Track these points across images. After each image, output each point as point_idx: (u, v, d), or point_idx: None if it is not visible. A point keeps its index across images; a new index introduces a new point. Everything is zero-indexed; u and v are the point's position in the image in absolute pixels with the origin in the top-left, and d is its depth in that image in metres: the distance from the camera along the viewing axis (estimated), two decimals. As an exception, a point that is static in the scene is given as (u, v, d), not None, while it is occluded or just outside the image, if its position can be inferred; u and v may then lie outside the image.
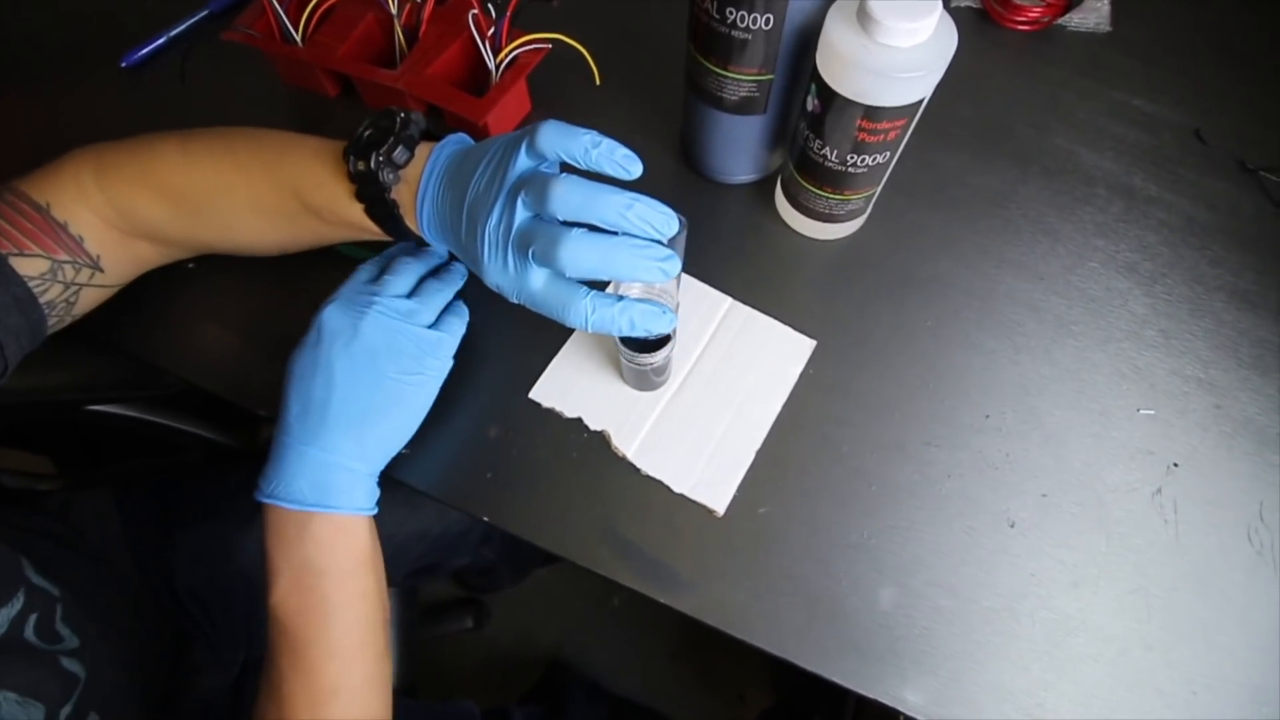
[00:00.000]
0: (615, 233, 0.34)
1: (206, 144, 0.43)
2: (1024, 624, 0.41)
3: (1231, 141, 0.56)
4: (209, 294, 0.50)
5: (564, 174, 0.34)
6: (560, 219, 0.33)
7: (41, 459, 0.86)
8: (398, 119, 0.40)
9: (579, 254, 0.33)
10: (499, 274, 0.36)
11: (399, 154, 0.39)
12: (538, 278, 0.35)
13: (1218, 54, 0.60)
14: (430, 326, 0.41)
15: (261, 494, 0.38)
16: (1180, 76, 0.59)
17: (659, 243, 0.34)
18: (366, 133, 0.40)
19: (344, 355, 0.38)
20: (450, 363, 0.42)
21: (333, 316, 0.39)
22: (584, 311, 0.34)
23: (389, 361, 0.39)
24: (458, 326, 0.43)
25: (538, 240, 0.34)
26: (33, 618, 0.42)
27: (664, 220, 0.33)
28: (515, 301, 0.37)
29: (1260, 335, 0.49)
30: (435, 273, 0.44)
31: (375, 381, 0.39)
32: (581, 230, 0.33)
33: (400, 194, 0.40)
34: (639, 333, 0.35)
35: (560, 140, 0.34)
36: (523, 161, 0.35)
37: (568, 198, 0.33)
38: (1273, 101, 0.57)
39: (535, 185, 0.34)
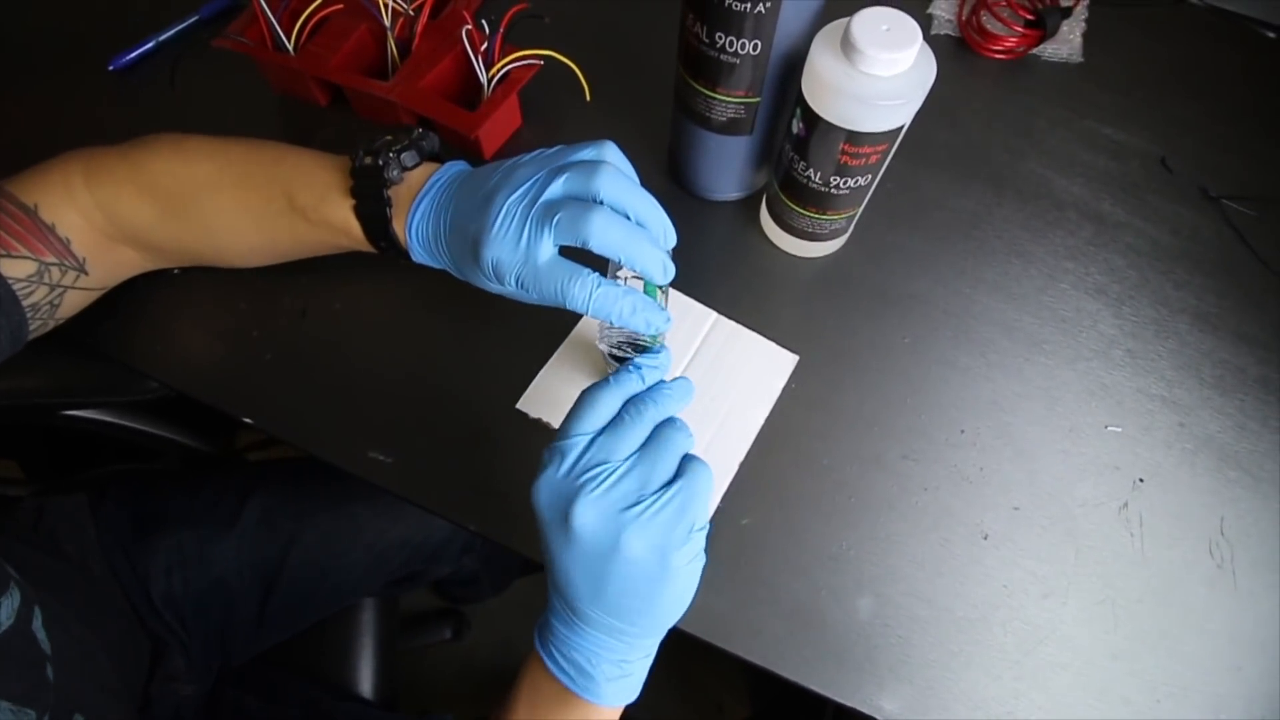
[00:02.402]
0: None
1: (201, 145, 0.44)
2: (996, 633, 0.42)
3: (1195, 169, 0.58)
4: (192, 298, 0.50)
5: (611, 164, 0.36)
6: (600, 196, 0.35)
7: (9, 464, 0.84)
8: (415, 131, 0.42)
9: (609, 227, 0.34)
10: (506, 247, 0.36)
11: (408, 156, 0.40)
12: (547, 251, 0.36)
13: (1183, 86, 0.63)
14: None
15: (547, 655, 0.36)
16: (1147, 106, 0.61)
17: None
18: (382, 138, 0.41)
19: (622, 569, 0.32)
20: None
21: (593, 528, 0.32)
22: (589, 288, 0.35)
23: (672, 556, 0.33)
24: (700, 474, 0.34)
25: (566, 209, 0.35)
26: (38, 609, 0.42)
27: (673, 232, 0.38)
28: (509, 283, 0.37)
29: (1221, 356, 0.51)
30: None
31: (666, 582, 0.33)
32: (609, 208, 0.35)
33: (397, 194, 0.41)
34: (636, 323, 0.35)
35: (623, 158, 0.38)
36: (583, 154, 0.37)
37: (614, 181, 0.35)
38: (1234, 131, 0.60)
39: (584, 167, 0.36)
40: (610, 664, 0.35)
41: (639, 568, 0.32)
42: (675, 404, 0.35)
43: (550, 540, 0.33)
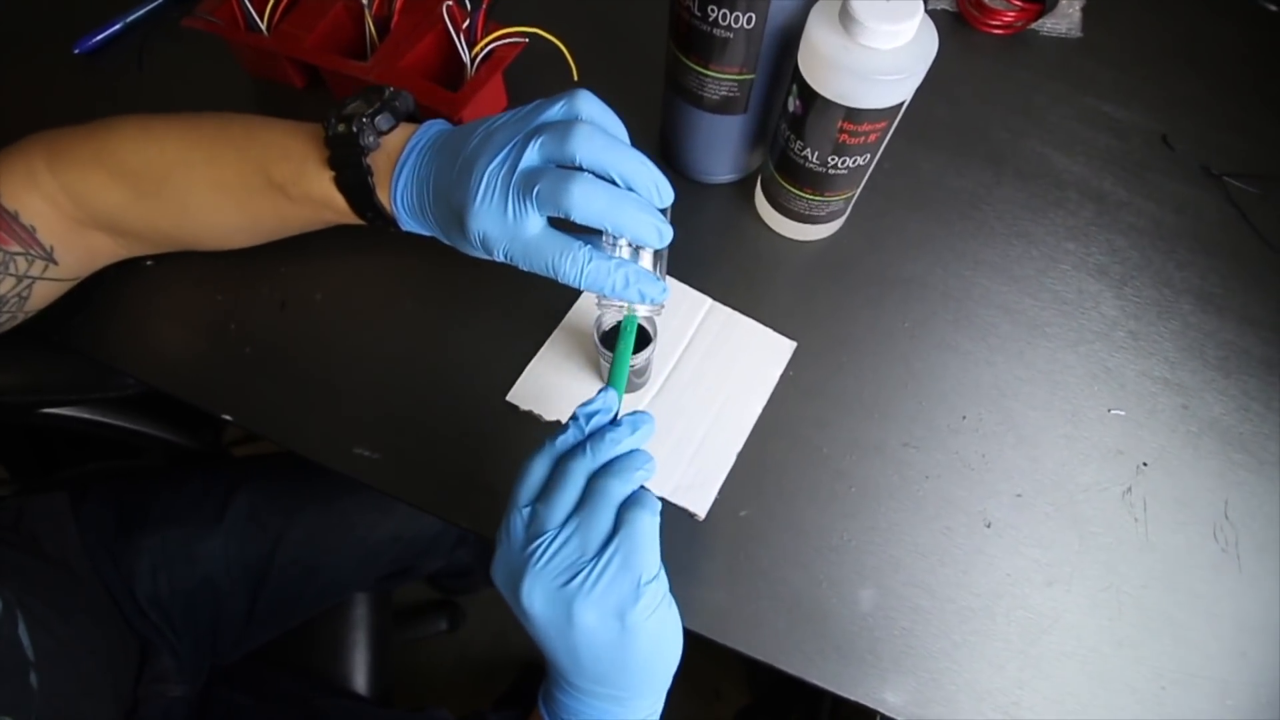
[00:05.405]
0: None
1: (169, 123, 0.42)
2: (1000, 623, 0.41)
3: (1197, 147, 0.57)
4: (168, 291, 0.48)
5: (587, 122, 0.34)
6: (577, 160, 0.33)
7: (-10, 462, 0.83)
8: (387, 91, 0.39)
9: (590, 196, 0.32)
10: (493, 220, 0.34)
11: (383, 120, 0.38)
12: (535, 224, 0.34)
13: (1184, 61, 0.61)
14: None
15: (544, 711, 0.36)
16: (1148, 83, 0.60)
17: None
18: (353, 102, 0.39)
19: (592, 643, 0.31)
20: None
21: (540, 607, 0.31)
22: (581, 261, 0.33)
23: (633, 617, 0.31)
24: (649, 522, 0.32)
25: (545, 179, 0.32)
26: (20, 614, 0.41)
27: (667, 187, 0.35)
28: (499, 256, 0.35)
29: (1225, 337, 0.50)
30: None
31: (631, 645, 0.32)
32: (590, 175, 0.33)
33: (376, 161, 0.39)
34: (631, 295, 0.34)
35: (599, 107, 0.35)
36: (553, 112, 0.35)
37: (592, 139, 0.33)
38: (1236, 108, 0.59)
39: (557, 129, 0.33)
40: None
41: (598, 636, 0.31)
42: (616, 447, 0.32)
43: (518, 618, 0.32)
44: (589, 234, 0.35)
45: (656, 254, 0.37)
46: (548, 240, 0.34)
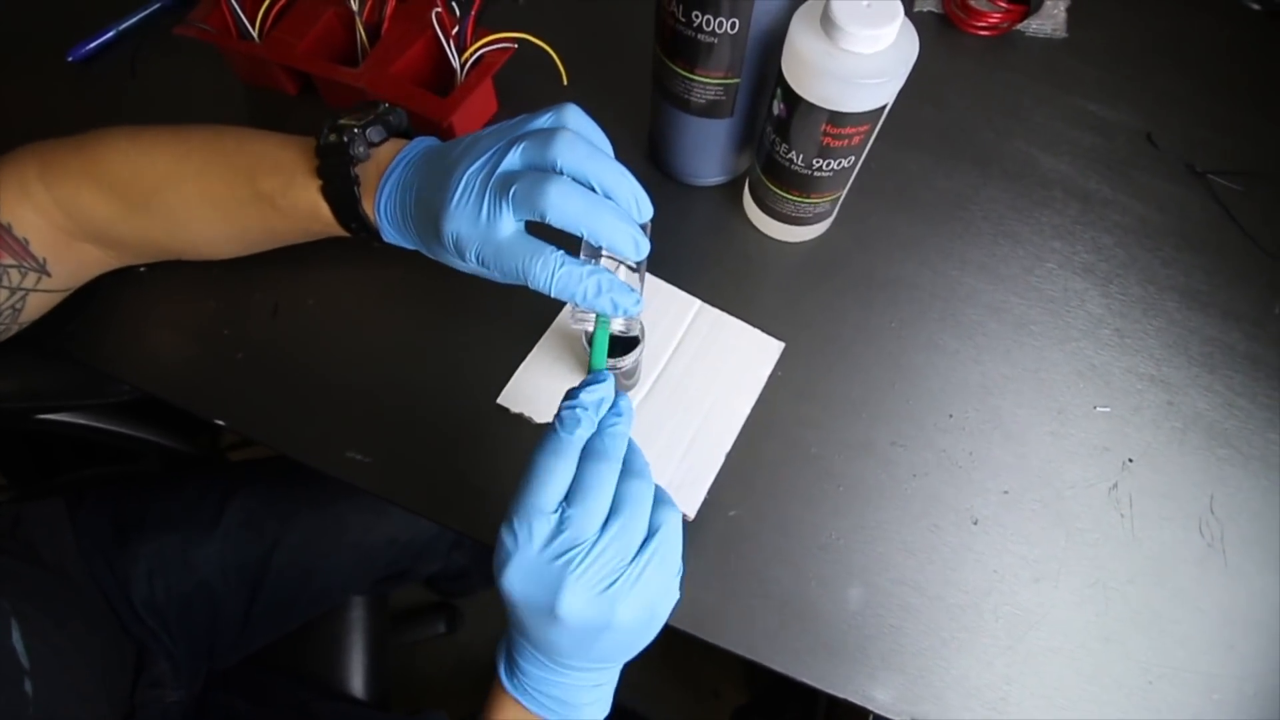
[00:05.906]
0: None
1: (160, 135, 0.42)
2: (988, 620, 0.42)
3: (1182, 145, 0.58)
4: (160, 297, 0.49)
5: (571, 131, 0.34)
6: (558, 166, 0.33)
7: (-11, 469, 0.83)
8: (381, 106, 0.40)
9: (566, 198, 0.32)
10: (467, 221, 0.34)
11: (374, 132, 0.39)
12: (508, 225, 0.34)
13: (1169, 60, 0.62)
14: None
15: (525, 695, 0.35)
16: (1133, 82, 0.61)
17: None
18: (347, 114, 0.39)
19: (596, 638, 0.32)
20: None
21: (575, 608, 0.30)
22: (551, 266, 0.33)
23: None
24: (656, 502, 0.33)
25: (522, 180, 0.32)
26: (15, 621, 0.41)
27: (647, 202, 0.35)
28: (470, 259, 0.35)
29: (1209, 334, 0.50)
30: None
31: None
32: (569, 179, 0.33)
33: (365, 171, 0.39)
34: (603, 305, 0.34)
35: (585, 121, 0.36)
36: (539, 123, 0.35)
37: (574, 146, 0.33)
38: (1221, 106, 0.59)
39: (540, 135, 0.34)
40: (588, 689, 0.35)
41: (632, 630, 0.32)
42: (625, 439, 0.33)
43: (529, 623, 0.32)
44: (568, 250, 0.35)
45: (633, 269, 0.37)
46: (520, 243, 0.34)
